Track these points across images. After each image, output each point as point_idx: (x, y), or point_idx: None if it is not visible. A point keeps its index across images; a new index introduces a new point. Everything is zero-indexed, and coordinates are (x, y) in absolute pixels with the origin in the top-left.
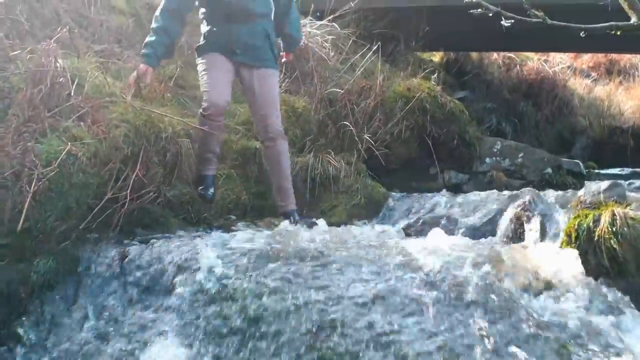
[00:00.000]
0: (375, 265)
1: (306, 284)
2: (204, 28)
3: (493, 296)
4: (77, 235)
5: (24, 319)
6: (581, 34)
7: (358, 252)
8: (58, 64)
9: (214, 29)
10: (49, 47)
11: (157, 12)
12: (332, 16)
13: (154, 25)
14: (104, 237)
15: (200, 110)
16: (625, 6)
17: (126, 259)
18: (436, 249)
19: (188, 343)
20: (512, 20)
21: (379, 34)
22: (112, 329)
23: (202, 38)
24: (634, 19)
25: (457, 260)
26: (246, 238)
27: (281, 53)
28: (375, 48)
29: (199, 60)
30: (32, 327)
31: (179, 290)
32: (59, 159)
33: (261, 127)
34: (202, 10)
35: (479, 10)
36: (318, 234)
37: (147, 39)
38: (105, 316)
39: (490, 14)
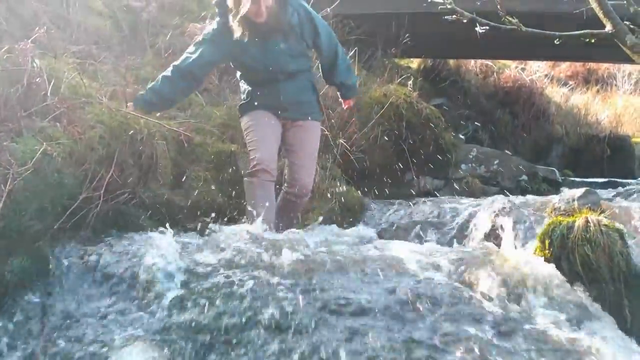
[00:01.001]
0: (346, 269)
1: (277, 288)
2: (245, 86)
3: (464, 302)
4: (52, 235)
5: None
6: (555, 42)
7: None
8: (35, 64)
9: (257, 88)
10: (26, 47)
11: (172, 64)
12: None
13: (164, 72)
14: (78, 237)
15: (248, 169)
16: (600, 14)
17: (99, 260)
18: (409, 255)
19: (158, 347)
20: (487, 27)
21: (356, 39)
22: (83, 331)
23: (244, 95)
24: (608, 27)
25: (431, 266)
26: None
27: (340, 100)
28: (352, 53)
29: (244, 119)
30: (4, 327)
31: (149, 293)
32: (34, 159)
33: (293, 181)
34: (239, 71)
35: (454, 16)
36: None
37: (151, 83)
38: (77, 317)
39: (465, 20)
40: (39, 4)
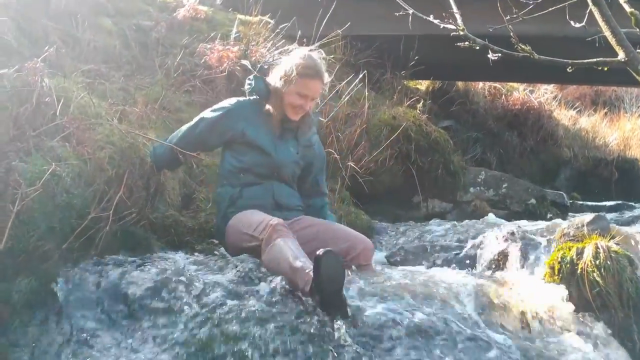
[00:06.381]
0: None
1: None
2: (226, 192)
3: (471, 329)
4: (60, 255)
5: (4, 338)
6: (568, 69)
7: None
8: (44, 83)
9: (246, 188)
10: (35, 66)
11: (186, 127)
12: (319, 42)
13: (177, 132)
14: (86, 257)
15: (263, 236)
16: (612, 42)
17: (108, 281)
18: (417, 280)
19: None
20: (499, 54)
21: (366, 62)
22: (92, 352)
23: (224, 204)
24: (621, 55)
25: (438, 292)
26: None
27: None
28: (361, 76)
29: (229, 224)
30: (13, 347)
31: (160, 315)
32: (43, 179)
33: (349, 251)
34: (231, 165)
35: (467, 43)
36: None
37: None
38: (86, 339)
39: (477, 47)
40: (49, 22)
